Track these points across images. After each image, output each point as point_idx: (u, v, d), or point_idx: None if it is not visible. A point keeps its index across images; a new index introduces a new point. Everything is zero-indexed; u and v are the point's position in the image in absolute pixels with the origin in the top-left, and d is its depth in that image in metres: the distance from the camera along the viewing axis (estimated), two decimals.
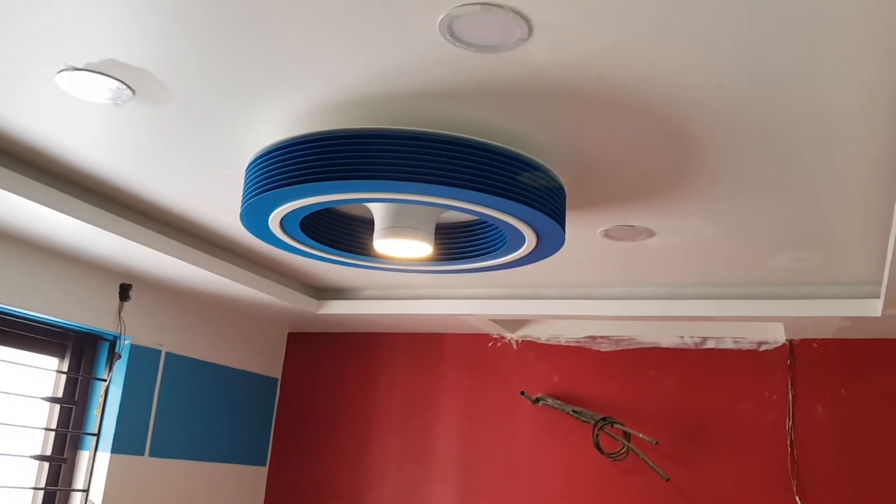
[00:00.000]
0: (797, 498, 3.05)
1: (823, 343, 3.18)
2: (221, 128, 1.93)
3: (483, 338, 3.67)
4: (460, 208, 1.89)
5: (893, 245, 2.11)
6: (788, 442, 3.12)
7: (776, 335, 3.22)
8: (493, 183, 1.81)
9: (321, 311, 3.46)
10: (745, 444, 3.16)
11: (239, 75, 1.67)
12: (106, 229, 2.46)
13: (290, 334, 4.03)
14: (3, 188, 2.17)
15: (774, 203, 2.16)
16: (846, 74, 1.50)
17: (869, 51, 1.42)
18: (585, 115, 1.73)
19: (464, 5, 1.38)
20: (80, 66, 1.69)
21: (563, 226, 2.00)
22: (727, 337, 3.29)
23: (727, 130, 1.77)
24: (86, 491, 3.00)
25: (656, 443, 3.18)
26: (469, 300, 3.23)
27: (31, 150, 2.15)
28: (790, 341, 3.21)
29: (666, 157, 1.92)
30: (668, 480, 3.18)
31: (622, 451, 3.25)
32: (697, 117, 1.71)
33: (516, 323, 3.60)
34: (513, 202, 1.84)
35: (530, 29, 1.43)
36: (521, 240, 2.09)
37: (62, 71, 1.71)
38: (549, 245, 2.12)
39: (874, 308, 2.74)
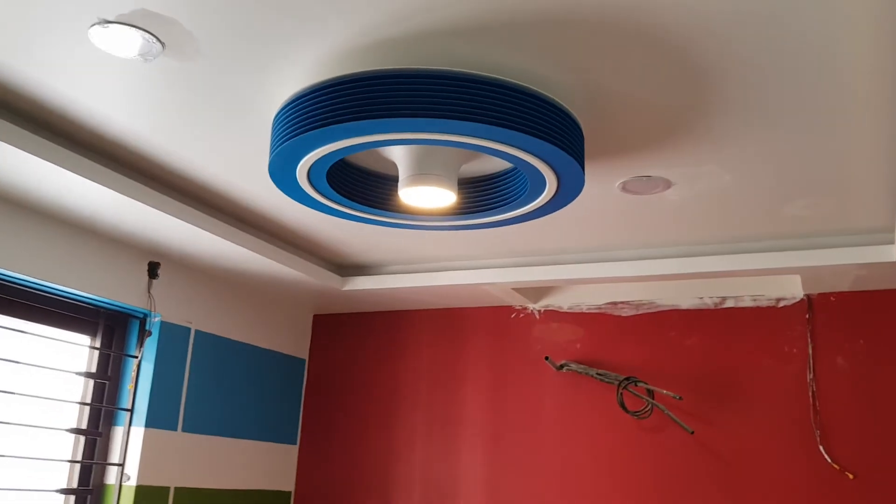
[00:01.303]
0: (821, 447, 3.07)
1: (841, 296, 3.21)
2: (249, 81, 1.99)
3: (506, 310, 3.73)
4: (483, 147, 1.95)
5: None
6: (810, 394, 3.14)
7: (794, 290, 3.26)
8: (514, 119, 1.87)
9: (346, 288, 3.52)
10: (768, 398, 3.20)
11: (264, 23, 1.74)
12: (134, 199, 2.53)
13: (315, 316, 4.10)
14: (34, 154, 2.24)
15: (787, 146, 2.20)
16: (858, 11, 1.55)
17: None
18: (600, 50, 1.78)
19: None
20: (111, 19, 1.76)
21: (582, 165, 2.06)
22: (746, 295, 3.33)
23: (740, 64, 1.81)
24: (121, 465, 3.07)
25: (680, 398, 3.22)
26: (491, 269, 3.28)
27: (60, 116, 2.22)
28: (808, 296, 3.25)
29: (679, 95, 1.97)
30: (692, 433, 3.22)
31: (647, 409, 3.29)
32: (710, 50, 1.76)
33: (538, 292, 3.65)
34: (533, 138, 1.89)
35: None
36: (542, 184, 2.14)
37: (94, 25, 1.78)
38: (569, 188, 2.17)
39: (889, 254, 2.77)
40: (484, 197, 2.31)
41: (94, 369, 3.12)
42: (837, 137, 2.14)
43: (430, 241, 3.11)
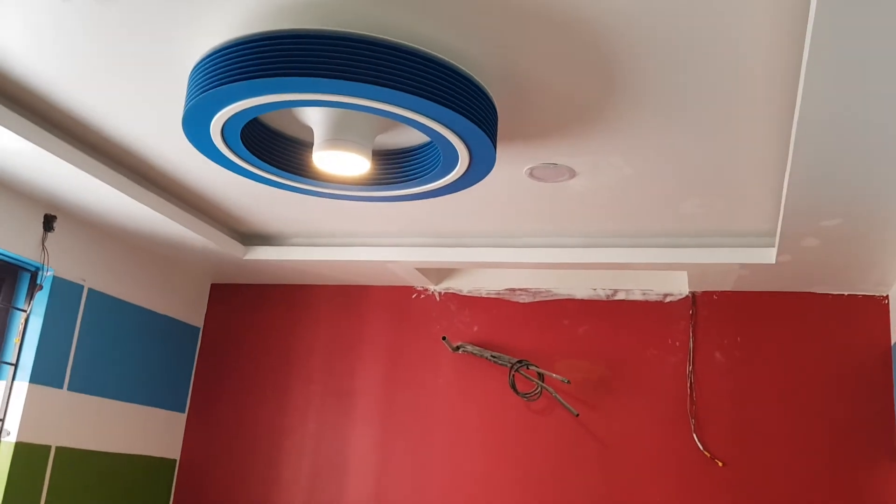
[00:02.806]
0: (695, 435, 3.27)
1: (723, 295, 3.42)
2: (168, 31, 1.97)
3: (407, 290, 3.78)
4: (397, 116, 1.99)
5: (786, 193, 2.32)
6: (688, 384, 3.34)
7: (680, 287, 3.45)
8: (429, 89, 1.92)
9: (247, 257, 3.50)
10: (650, 387, 3.37)
11: None
12: (34, 143, 2.44)
13: (213, 285, 4.05)
14: None
15: (685, 144, 2.34)
16: (758, 26, 1.68)
17: None
18: (520, 33, 1.85)
19: None
20: None
21: (494, 142, 2.13)
22: (636, 289, 3.49)
23: (649, 61, 1.92)
24: (1, 420, 2.96)
25: (568, 381, 3.36)
26: (395, 248, 3.33)
27: None
28: (693, 293, 3.44)
29: (590, 84, 2.06)
30: (577, 416, 3.36)
31: (536, 392, 3.42)
32: (622, 43, 1.86)
33: (440, 274, 3.72)
34: (447, 110, 1.95)
35: None
36: (454, 159, 2.21)
37: None
38: (480, 164, 2.24)
39: (770, 256, 2.98)
40: (397, 169, 2.36)
41: None
42: (731, 142, 2.30)
43: (337, 215, 3.14)
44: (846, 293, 3.30)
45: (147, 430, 3.61)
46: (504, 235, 3.22)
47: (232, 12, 1.88)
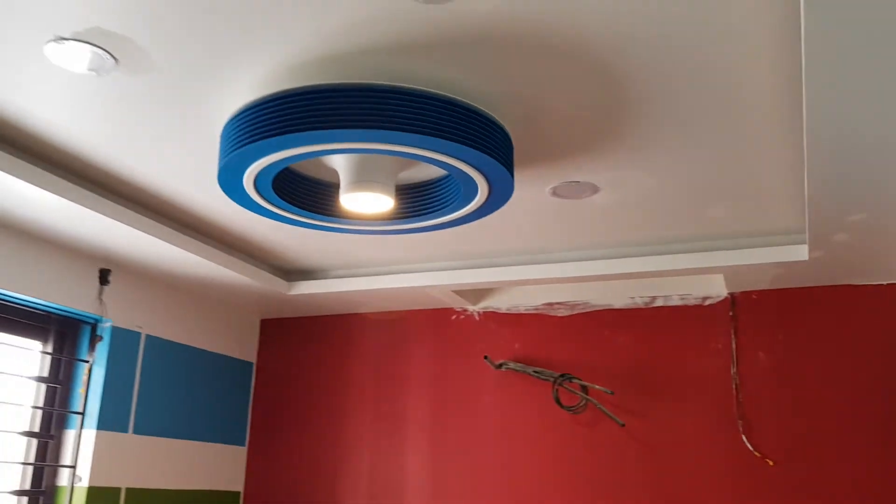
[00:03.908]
0: (743, 436, 3.29)
1: (762, 294, 3.43)
2: (198, 95, 2.11)
3: (447, 311, 3.88)
4: (418, 156, 2.10)
5: (807, 195, 2.36)
6: (733, 386, 3.36)
7: (719, 289, 3.47)
8: (447, 130, 2.02)
9: (292, 292, 3.64)
10: (694, 391, 3.40)
11: (212, 40, 1.86)
12: (86, 206, 2.61)
13: (262, 320, 4.20)
14: None
15: (703, 153, 2.39)
16: (760, 40, 1.74)
17: (764, 12, 1.66)
18: (526, 64, 1.94)
19: None
20: (66, 36, 1.87)
21: (511, 172, 2.22)
22: (674, 294, 3.53)
23: (657, 78, 1.98)
24: (73, 466, 3.13)
25: (612, 392, 3.41)
26: (431, 272, 3.43)
27: (14, 127, 2.31)
28: (731, 294, 3.46)
29: (601, 106, 2.13)
30: (623, 426, 3.41)
31: (581, 404, 3.47)
32: (629, 65, 1.92)
33: (478, 294, 3.81)
34: (465, 147, 2.05)
35: None
36: (474, 190, 2.30)
37: (50, 41, 1.89)
38: (499, 194, 2.33)
39: (802, 253, 2.99)
40: (420, 202, 2.46)
41: (46, 374, 3.18)
42: (748, 147, 2.34)
43: (372, 246, 3.25)
44: (885, 283, 3.29)
45: (210, 466, 3.77)
46: (536, 252, 3.30)
47: (254, 74, 2.00)
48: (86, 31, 1.84)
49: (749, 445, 3.27)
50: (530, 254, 3.31)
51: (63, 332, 3.24)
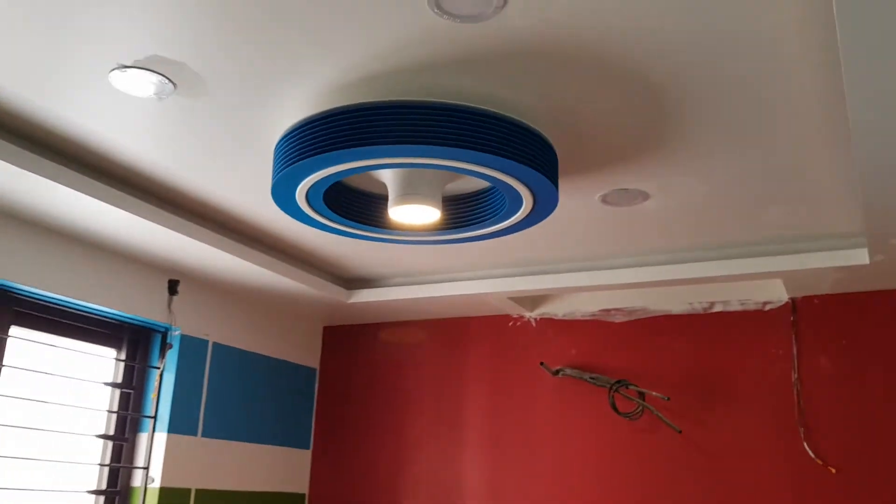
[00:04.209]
0: (805, 443, 3.23)
1: (824, 298, 3.37)
2: (251, 114, 2.21)
3: (504, 318, 3.92)
4: (464, 170, 2.15)
5: (862, 199, 2.32)
6: (795, 393, 3.30)
7: (779, 294, 3.42)
8: (491, 144, 2.07)
9: (352, 300, 3.73)
10: (754, 398, 3.36)
11: (263, 63, 1.95)
12: (154, 222, 2.76)
13: (325, 327, 4.32)
14: (65, 185, 2.47)
15: (751, 160, 2.38)
16: (784, 37, 1.74)
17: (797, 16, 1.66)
18: (566, 76, 1.97)
19: None
20: (128, 64, 1.99)
21: (555, 184, 2.25)
22: (733, 300, 3.49)
23: (699, 88, 1.98)
24: (146, 468, 3.29)
25: (668, 398, 3.40)
26: (487, 280, 3.48)
27: (84, 148, 2.46)
28: (792, 299, 3.41)
29: (646, 116, 2.15)
30: (680, 432, 3.39)
31: (637, 411, 3.47)
32: (673, 76, 1.93)
33: (534, 301, 3.84)
34: (509, 161, 2.09)
35: None
36: (519, 201, 2.34)
37: (114, 70, 2.01)
38: (544, 205, 2.36)
39: (863, 257, 2.93)
40: (467, 213, 2.51)
41: (119, 380, 3.35)
42: (796, 150, 2.31)
43: (427, 254, 3.32)
44: None
45: (276, 468, 3.89)
46: (591, 259, 3.31)
47: (302, 94, 2.09)
48: (146, 60, 1.96)
49: (811, 453, 3.21)
50: (586, 260, 3.33)
51: (136, 340, 3.41)
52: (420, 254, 3.32)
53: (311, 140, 2.12)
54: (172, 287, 3.39)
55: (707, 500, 3.33)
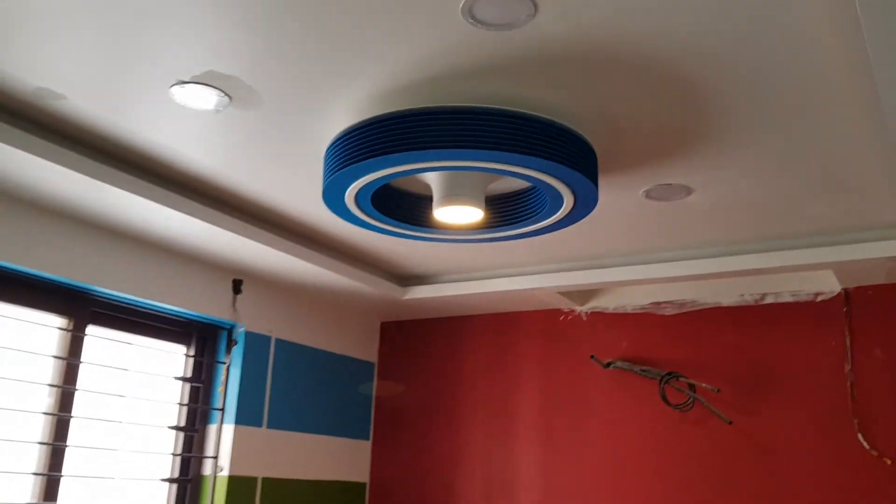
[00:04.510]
0: (859, 435, 3.22)
1: (878, 288, 3.34)
2: (302, 123, 2.34)
3: (555, 312, 3.99)
4: (504, 171, 2.24)
5: None
6: (848, 384, 3.29)
7: (832, 285, 3.41)
8: (531, 147, 2.15)
9: (407, 297, 3.86)
10: (806, 389, 3.36)
11: (311, 74, 2.07)
12: (218, 226, 2.92)
13: (382, 323, 4.46)
14: (136, 193, 2.65)
15: (793, 152, 2.40)
16: (813, 31, 1.78)
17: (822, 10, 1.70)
18: (602, 78, 2.04)
19: None
20: (187, 80, 2.14)
21: (595, 183, 2.32)
22: (785, 291, 3.49)
23: (738, 84, 2.02)
24: (215, 457, 3.48)
25: (718, 390, 3.42)
26: (537, 275, 3.56)
27: (151, 159, 2.63)
28: (845, 290, 3.39)
29: (683, 112, 2.19)
30: (730, 423, 3.41)
31: (688, 402, 3.50)
32: (710, 75, 1.98)
33: (585, 295, 3.90)
34: (549, 162, 2.17)
35: (535, 6, 1.76)
36: (559, 200, 2.42)
37: (174, 85, 2.16)
38: (584, 203, 2.43)
39: None
40: (510, 212, 2.60)
41: (189, 374, 3.54)
42: (837, 143, 2.33)
43: (478, 251, 3.41)
44: None
45: (338, 458, 4.05)
46: (638, 252, 3.36)
47: (351, 101, 2.20)
48: (202, 75, 2.10)
49: (865, 444, 3.20)
50: (633, 254, 3.38)
51: (203, 337, 3.60)
52: (470, 251, 3.42)
53: (359, 146, 2.24)
54: (236, 286, 3.57)
55: (758, 491, 3.35)
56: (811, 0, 1.71)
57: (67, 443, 3.01)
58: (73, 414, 3.03)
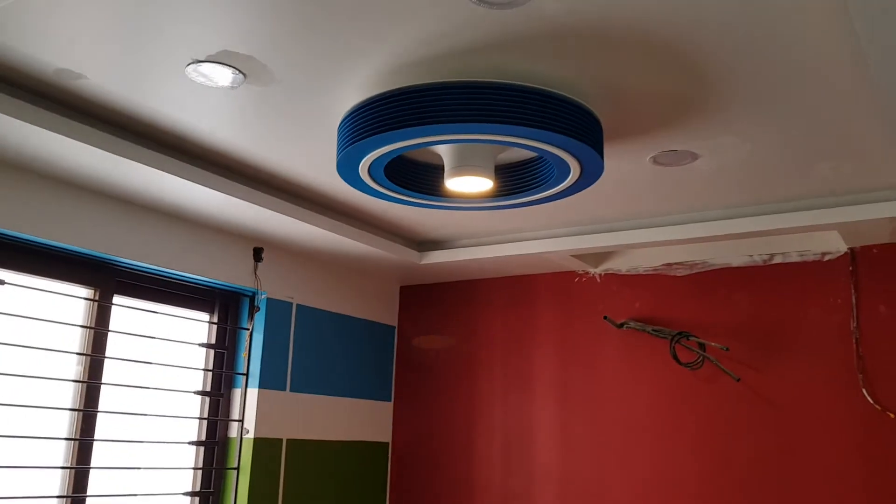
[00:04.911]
0: (864, 390, 3.30)
1: (883, 248, 3.40)
2: (316, 98, 2.42)
3: (569, 274, 4.08)
4: (513, 143, 2.31)
5: None
6: (854, 340, 3.36)
7: (838, 245, 3.46)
8: (539, 119, 2.21)
9: (424, 262, 3.95)
10: (813, 346, 3.44)
11: (322, 52, 2.14)
12: (239, 197, 3.02)
13: (401, 287, 4.57)
14: (157, 168, 2.75)
15: (791, 117, 2.44)
16: (805, 4, 1.83)
17: None
18: (604, 51, 2.09)
19: None
20: (202, 59, 2.22)
21: (600, 152, 2.38)
22: (792, 251, 3.55)
23: (732, 51, 2.07)
24: (241, 420, 3.62)
25: (727, 349, 3.50)
26: (550, 239, 3.63)
27: (167, 133, 2.71)
28: (851, 249, 3.45)
29: (685, 82, 2.24)
30: (738, 380, 3.50)
31: (698, 361, 3.59)
32: (713, 49, 2.02)
33: (598, 258, 3.98)
34: (556, 134, 2.24)
35: None
36: (566, 170, 2.48)
37: (190, 64, 2.24)
38: (590, 173, 2.50)
39: None
40: (519, 181, 2.67)
41: (213, 341, 3.67)
42: (835, 109, 2.37)
43: (491, 218, 3.49)
44: None
45: (360, 419, 4.19)
46: (649, 215, 3.42)
47: (361, 77, 2.27)
48: (217, 54, 2.18)
49: (870, 398, 3.28)
50: (644, 217, 3.44)
51: (226, 305, 3.72)
52: (484, 217, 3.50)
53: (370, 121, 2.31)
54: (257, 254, 3.68)
55: (766, 445, 3.45)
56: None
57: (99, 408, 3.15)
58: (102, 381, 3.17)
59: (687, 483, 3.60)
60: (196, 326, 3.64)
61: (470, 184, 2.51)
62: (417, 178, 2.73)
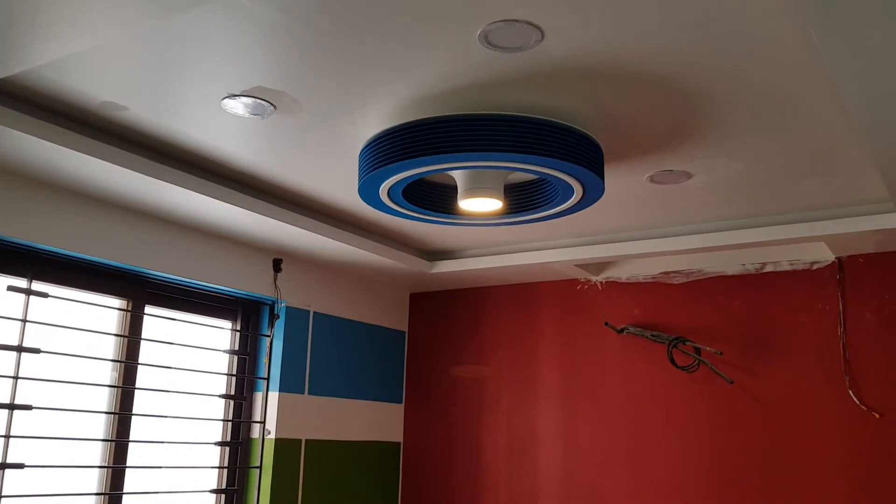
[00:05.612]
0: (850, 392, 3.51)
1: (868, 257, 3.60)
2: (339, 128, 2.62)
3: (572, 282, 4.29)
4: (520, 168, 2.51)
5: (877, 163, 2.57)
6: (841, 345, 3.57)
7: (825, 255, 3.67)
8: (545, 148, 2.41)
9: (434, 271, 4.16)
10: (802, 351, 3.65)
11: (346, 87, 2.35)
12: (261, 214, 3.23)
13: (411, 294, 4.78)
14: (189, 188, 2.95)
15: (779, 140, 2.64)
16: (780, 34, 2.03)
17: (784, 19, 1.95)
18: (606, 86, 2.29)
19: (493, 22, 1.99)
20: (237, 93, 2.43)
21: (601, 176, 2.59)
22: (783, 261, 3.76)
23: (719, 83, 2.26)
24: (262, 422, 3.83)
25: (721, 353, 3.72)
26: (554, 250, 3.84)
27: (204, 158, 2.93)
28: (838, 259, 3.65)
29: (679, 110, 2.43)
30: (732, 383, 3.71)
31: (694, 364, 3.80)
32: (692, 75, 2.21)
33: (599, 266, 4.18)
34: (560, 161, 2.44)
35: (542, 33, 2.02)
36: (569, 191, 2.69)
37: (225, 97, 2.45)
38: (592, 194, 2.71)
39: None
40: (526, 200, 2.88)
41: (236, 347, 3.89)
42: (818, 130, 2.56)
43: (498, 230, 3.70)
44: None
45: (374, 420, 4.40)
46: (646, 228, 3.63)
47: (382, 109, 2.48)
48: (251, 89, 2.38)
49: (856, 400, 3.49)
50: (643, 230, 3.65)
51: (248, 313, 3.93)
52: (492, 230, 3.71)
53: (393, 148, 2.52)
54: (277, 265, 3.89)
55: (758, 444, 3.66)
56: (780, 18, 1.96)
57: (132, 412, 3.36)
58: (136, 386, 3.38)
59: (684, 480, 3.81)
60: (220, 334, 3.85)
61: (481, 204, 2.72)
62: (432, 198, 2.94)
